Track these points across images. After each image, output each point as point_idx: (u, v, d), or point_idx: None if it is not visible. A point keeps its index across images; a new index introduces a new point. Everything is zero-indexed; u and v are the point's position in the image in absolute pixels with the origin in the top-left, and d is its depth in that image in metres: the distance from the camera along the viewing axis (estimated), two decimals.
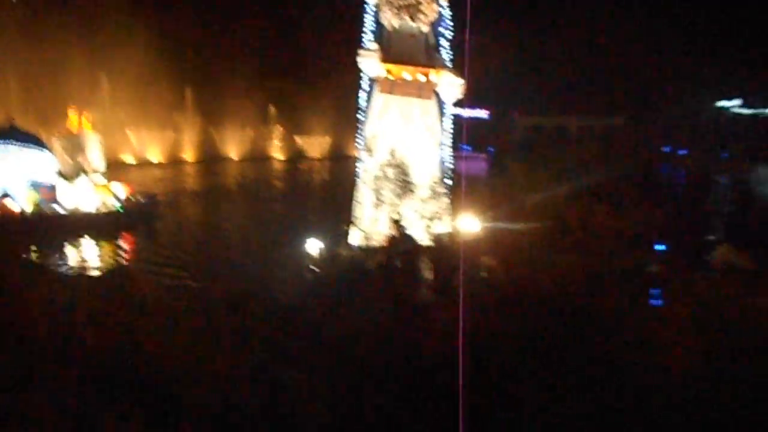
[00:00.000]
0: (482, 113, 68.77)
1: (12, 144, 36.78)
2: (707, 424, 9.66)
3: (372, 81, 19.18)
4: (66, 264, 28.86)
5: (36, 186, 36.77)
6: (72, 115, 39.62)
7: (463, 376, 8.76)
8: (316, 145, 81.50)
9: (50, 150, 38.01)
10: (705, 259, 16.84)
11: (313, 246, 14.95)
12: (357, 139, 19.28)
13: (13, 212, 35.64)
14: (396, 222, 14.85)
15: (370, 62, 18.35)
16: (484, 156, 52.57)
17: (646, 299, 14.61)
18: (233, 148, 78.69)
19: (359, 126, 19.29)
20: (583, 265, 13.59)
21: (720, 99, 63.70)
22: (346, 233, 15.36)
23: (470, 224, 15.98)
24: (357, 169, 18.30)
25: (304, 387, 9.64)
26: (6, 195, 35.89)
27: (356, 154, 19.26)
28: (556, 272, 13.35)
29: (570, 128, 68.75)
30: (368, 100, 19.27)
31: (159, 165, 71.73)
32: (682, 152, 50.90)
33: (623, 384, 10.57)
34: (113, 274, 18.14)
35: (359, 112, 19.34)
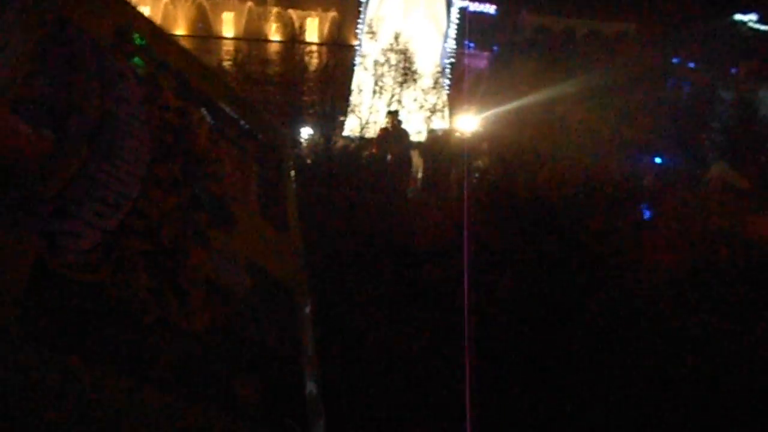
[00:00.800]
0: (489, 8, 65.99)
1: None
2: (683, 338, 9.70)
3: None
4: None
5: None
6: None
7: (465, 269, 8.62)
8: (315, 29, 78.64)
9: None
10: (699, 175, 16.57)
11: (306, 134, 14.45)
12: (358, 24, 18.28)
13: None
14: (392, 113, 14.28)
15: None
16: (488, 54, 50.87)
17: (637, 212, 14.42)
18: (227, 25, 75.88)
19: (360, 9, 18.24)
20: (577, 170, 13.23)
21: (735, 12, 61.39)
22: (342, 122, 14.81)
23: (468, 121, 15.45)
24: (356, 55, 17.45)
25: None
26: None
27: (356, 40, 18.31)
28: (550, 175, 13.00)
29: (578, 30, 66.45)
30: None
31: None
32: (691, 65, 49.50)
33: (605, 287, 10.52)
34: None
35: None
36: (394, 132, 14.20)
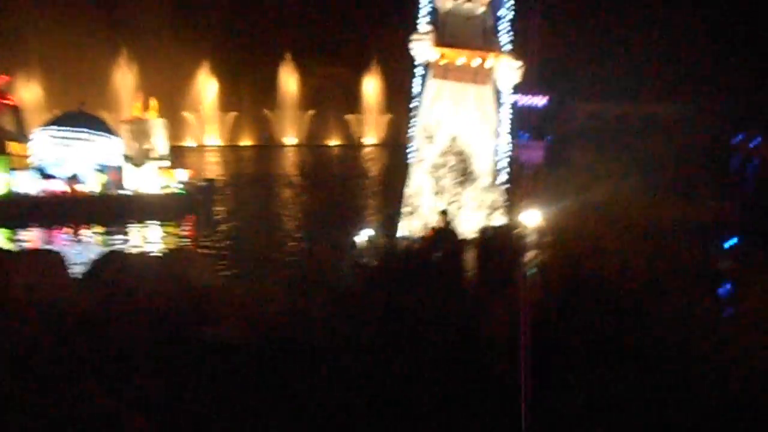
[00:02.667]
0: (541, 100, 66.90)
1: (83, 131, 37.89)
2: None
3: (426, 66, 18.43)
4: (126, 243, 29.48)
5: (104, 169, 37.82)
6: (139, 101, 40.47)
7: (525, 373, 8.26)
8: (371, 132, 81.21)
9: (118, 135, 38.96)
10: None
11: (365, 235, 14.50)
12: (411, 126, 18.62)
13: (82, 193, 36.81)
14: (443, 213, 14.23)
15: (422, 46, 17.56)
16: (542, 144, 51.03)
17: (716, 298, 13.57)
18: (290, 133, 79.27)
19: (412, 113, 18.61)
20: (650, 260, 12.67)
21: None
22: (398, 223, 14.84)
23: (529, 216, 15.16)
24: (410, 157, 17.64)
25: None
26: (75, 177, 37.03)
27: (409, 141, 18.59)
28: (620, 268, 12.48)
29: (632, 116, 66.21)
30: (422, 86, 18.53)
31: (217, 148, 73.06)
32: (755, 143, 48.12)
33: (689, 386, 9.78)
34: (172, 254, 18.20)
35: (413, 98, 18.67)
36: (443, 231, 14.13)
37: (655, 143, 31.24)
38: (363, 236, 14.83)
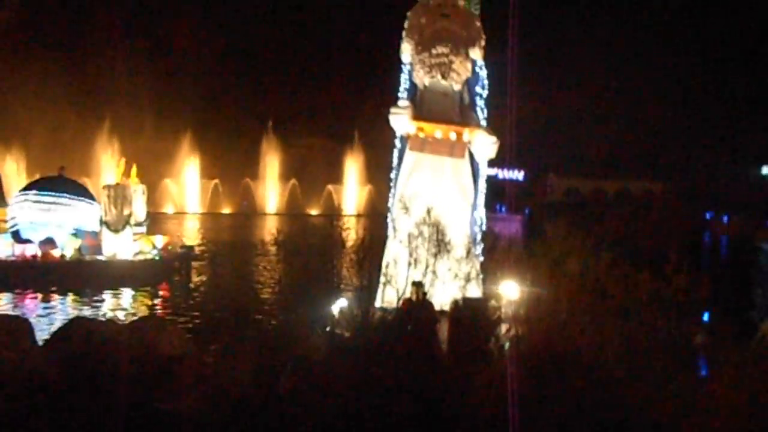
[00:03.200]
0: (518, 174, 68.21)
1: (63, 196, 37.58)
2: None
3: (404, 139, 18.76)
4: (96, 309, 28.79)
5: (79, 233, 37.31)
6: (120, 167, 40.39)
7: None
8: (351, 202, 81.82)
9: (97, 200, 38.68)
10: (751, 331, 15.61)
11: (340, 306, 14.29)
12: (389, 197, 18.76)
13: (54, 257, 36.14)
14: (418, 284, 14.17)
15: (400, 119, 17.94)
16: (520, 218, 51.69)
17: (693, 371, 13.50)
18: (269, 202, 79.58)
19: (390, 184, 18.79)
20: (625, 334, 12.63)
21: (764, 165, 62.03)
22: (373, 293, 14.69)
23: (504, 288, 15.15)
24: (387, 227, 17.69)
25: None
26: (50, 240, 36.44)
27: (388, 211, 18.69)
28: (596, 341, 12.41)
29: (608, 191, 67.54)
30: (399, 158, 18.82)
31: (197, 216, 72.84)
32: (724, 219, 49.32)
33: None
34: (140, 322, 17.76)
35: (391, 170, 18.89)
36: (418, 303, 14.02)
37: (630, 218, 31.79)
38: (337, 306, 14.62)
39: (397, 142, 18.68)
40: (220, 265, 42.22)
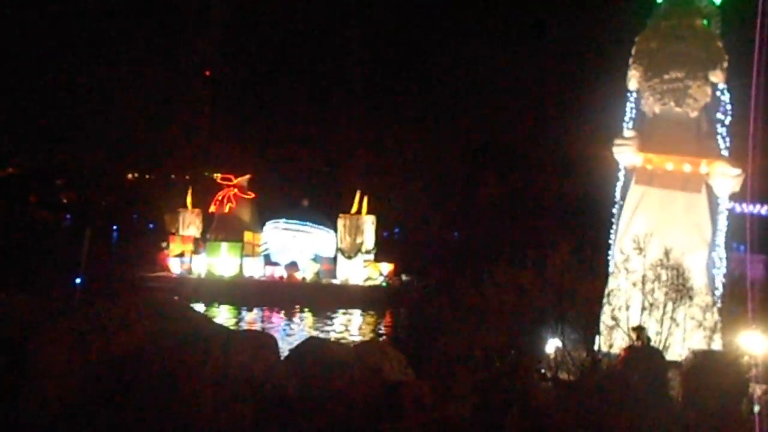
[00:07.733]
0: (761, 208, 59.23)
1: (306, 224, 41.11)
2: None
3: (628, 171, 16.97)
4: (331, 329, 30.43)
5: (318, 259, 40.31)
6: (357, 198, 42.84)
7: None
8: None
9: (334, 229, 41.49)
10: None
11: (554, 346, 13.18)
12: (611, 234, 17.01)
13: (296, 279, 39.42)
14: (640, 329, 12.49)
15: (625, 151, 16.22)
16: (764, 258, 44.51)
17: None
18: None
19: (612, 221, 17.04)
20: None
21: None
22: (586, 335, 13.25)
23: (749, 340, 12.72)
24: (609, 266, 15.93)
25: None
26: (294, 264, 39.85)
27: (609, 249, 16.92)
28: None
29: None
30: (623, 193, 17.00)
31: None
32: None
33: None
34: (365, 345, 18.21)
35: (614, 205, 17.16)
36: (643, 350, 12.21)
37: None
38: (551, 346, 13.46)
39: (620, 176, 16.96)
40: (443, 295, 42.40)
